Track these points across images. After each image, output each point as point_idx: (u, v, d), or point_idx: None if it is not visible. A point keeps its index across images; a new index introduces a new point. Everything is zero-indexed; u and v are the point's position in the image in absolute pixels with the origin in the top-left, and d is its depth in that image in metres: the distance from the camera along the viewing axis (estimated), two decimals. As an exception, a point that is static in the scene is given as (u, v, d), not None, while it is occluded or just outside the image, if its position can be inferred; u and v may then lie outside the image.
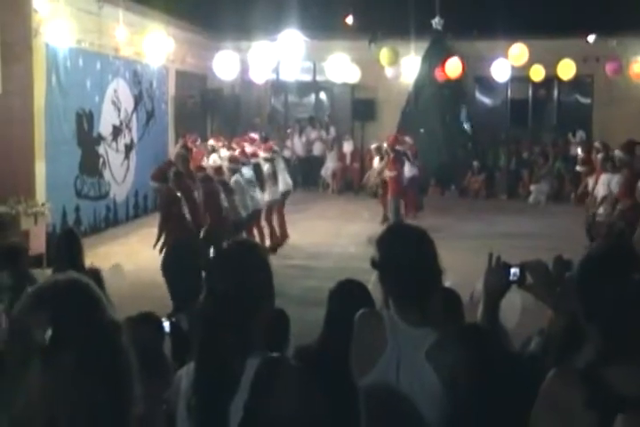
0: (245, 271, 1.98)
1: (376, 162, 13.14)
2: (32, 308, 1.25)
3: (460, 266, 8.29)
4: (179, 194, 7.90)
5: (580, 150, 14.03)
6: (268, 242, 10.59)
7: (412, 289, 2.20)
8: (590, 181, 10.72)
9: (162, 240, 7.93)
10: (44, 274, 8.36)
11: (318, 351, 2.81)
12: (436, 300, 2.24)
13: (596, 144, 12.19)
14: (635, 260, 1.76)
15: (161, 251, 7.94)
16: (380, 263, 2.25)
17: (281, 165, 11.18)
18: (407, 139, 13.59)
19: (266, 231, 10.66)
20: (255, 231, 10.31)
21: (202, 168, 9.54)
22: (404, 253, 2.22)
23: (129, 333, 1.45)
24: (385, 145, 12.64)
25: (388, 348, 2.19)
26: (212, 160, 11.43)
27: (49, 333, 1.20)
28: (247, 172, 10.07)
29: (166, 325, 3.26)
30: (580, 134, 17.12)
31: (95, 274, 4.57)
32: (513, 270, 2.55)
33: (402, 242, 2.27)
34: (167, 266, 7.83)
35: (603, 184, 9.50)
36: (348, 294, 2.99)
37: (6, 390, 1.25)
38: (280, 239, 10.99)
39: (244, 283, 1.95)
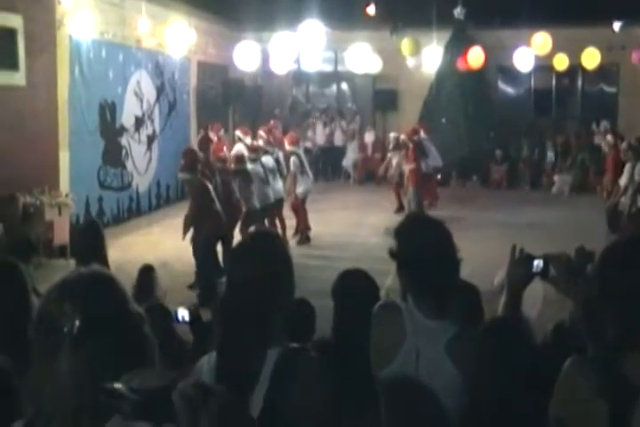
0: (265, 262, 1.97)
1: (390, 155, 13.15)
2: (60, 298, 1.28)
3: (482, 256, 8.27)
4: (209, 184, 7.95)
5: (609, 137, 13.84)
6: (292, 231, 10.70)
7: (430, 281, 2.19)
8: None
9: (191, 231, 8.01)
10: (67, 264, 8.49)
11: (334, 343, 2.82)
12: (455, 293, 2.24)
13: (609, 138, 12.10)
14: None
15: (192, 242, 8.00)
16: (399, 255, 2.24)
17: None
18: (422, 132, 13.38)
19: (288, 223, 10.70)
20: (277, 221, 10.34)
21: (222, 159, 9.57)
22: (422, 244, 2.21)
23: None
24: (402, 136, 12.57)
25: (406, 341, 2.19)
26: (236, 149, 11.50)
27: (77, 323, 1.22)
28: (269, 161, 10.06)
29: (186, 314, 3.28)
30: (605, 124, 16.90)
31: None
32: (536, 262, 2.54)
33: (420, 233, 2.26)
34: (201, 256, 7.90)
35: (626, 173, 9.38)
36: (349, 285, 2.99)
37: (36, 378, 1.28)
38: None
39: (264, 274, 1.94)
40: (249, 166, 9.68)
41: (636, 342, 1.67)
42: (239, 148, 11.18)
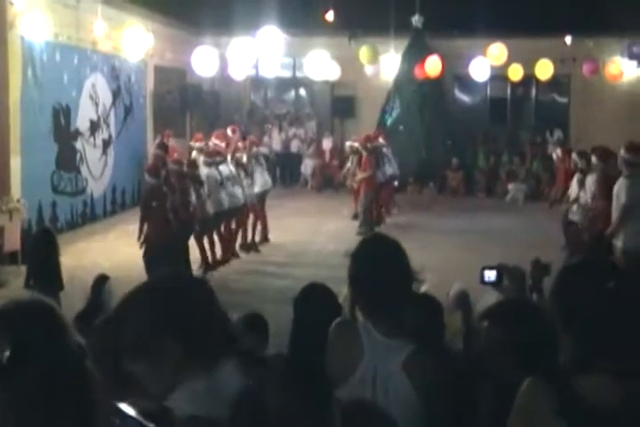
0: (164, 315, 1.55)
1: (349, 163, 13.20)
2: None
3: (439, 262, 8.35)
4: (164, 189, 7.87)
5: (559, 151, 14.19)
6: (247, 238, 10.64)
7: (385, 301, 2.20)
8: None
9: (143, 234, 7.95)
10: (18, 271, 8.28)
11: (291, 359, 2.78)
12: (411, 309, 2.25)
13: (558, 151, 12.69)
14: (610, 270, 1.79)
15: (141, 246, 7.92)
16: (353, 276, 2.26)
17: (258, 164, 11.07)
18: (380, 139, 13.40)
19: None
20: (235, 227, 10.26)
21: (179, 162, 9.42)
22: (377, 266, 2.23)
23: None
24: (356, 144, 12.57)
25: (364, 359, 2.19)
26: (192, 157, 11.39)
27: (7, 353, 1.16)
28: (225, 169, 9.92)
29: None
30: (558, 134, 17.27)
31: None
32: (487, 273, 2.61)
33: (375, 256, 2.28)
34: (148, 264, 7.80)
35: (575, 184, 9.54)
36: (312, 299, 2.97)
37: None
38: (261, 239, 11.00)
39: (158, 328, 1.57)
40: (204, 170, 9.53)
41: (593, 361, 1.69)
42: (195, 157, 11.06)
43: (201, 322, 1.41)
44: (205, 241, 9.34)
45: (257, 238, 10.86)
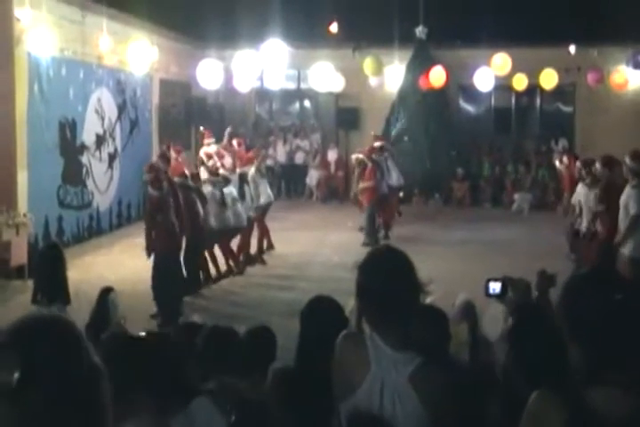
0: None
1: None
2: (4, 344, 1.19)
3: (444, 273, 8.32)
4: (171, 200, 7.86)
5: (564, 158, 14.19)
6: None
7: (393, 313, 2.19)
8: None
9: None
10: (25, 286, 8.29)
11: (297, 372, 2.77)
12: (418, 322, 2.24)
13: (564, 159, 12.62)
14: (617, 281, 1.77)
15: (148, 256, 7.91)
16: (361, 287, 2.25)
17: (263, 177, 11.02)
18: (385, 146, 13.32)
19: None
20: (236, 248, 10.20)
21: (184, 175, 9.43)
22: (384, 279, 2.21)
23: None
24: (360, 156, 12.56)
25: (371, 371, 2.18)
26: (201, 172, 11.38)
27: (17, 374, 1.14)
28: (231, 191, 9.72)
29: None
30: (563, 143, 17.24)
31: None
32: (492, 284, 2.59)
33: (383, 267, 2.26)
34: (155, 278, 7.79)
35: (580, 193, 9.48)
36: (318, 312, 2.96)
37: None
38: (266, 248, 10.98)
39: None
40: (207, 188, 9.51)
41: (602, 373, 1.67)
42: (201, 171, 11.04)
43: (162, 374, 1.47)
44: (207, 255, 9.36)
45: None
